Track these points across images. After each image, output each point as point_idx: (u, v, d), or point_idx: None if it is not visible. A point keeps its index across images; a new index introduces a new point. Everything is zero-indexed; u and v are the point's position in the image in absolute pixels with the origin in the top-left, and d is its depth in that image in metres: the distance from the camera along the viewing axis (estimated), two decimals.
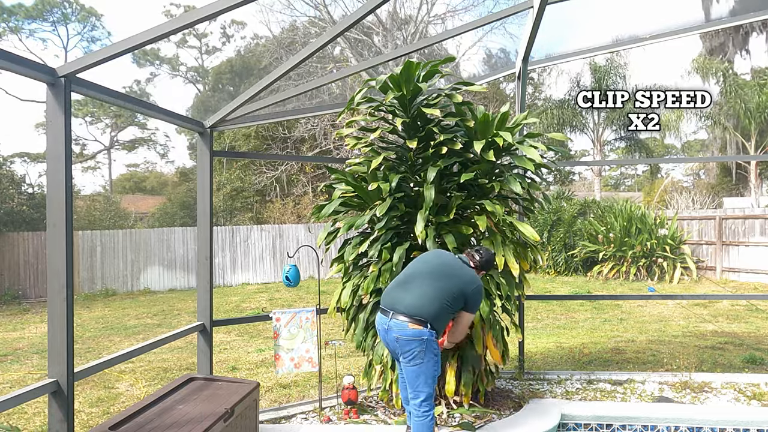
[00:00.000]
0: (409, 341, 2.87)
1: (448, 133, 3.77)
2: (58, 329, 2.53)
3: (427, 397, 2.93)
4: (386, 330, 2.97)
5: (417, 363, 2.89)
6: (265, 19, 30.90)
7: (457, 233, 3.68)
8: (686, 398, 4.12)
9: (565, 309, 9.48)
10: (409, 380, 2.96)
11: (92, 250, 14.64)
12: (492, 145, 3.67)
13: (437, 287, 2.96)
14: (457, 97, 3.74)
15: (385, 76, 3.72)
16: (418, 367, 2.89)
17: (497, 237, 3.69)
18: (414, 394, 2.95)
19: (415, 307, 2.90)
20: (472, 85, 3.97)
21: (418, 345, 2.87)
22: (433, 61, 3.78)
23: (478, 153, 3.54)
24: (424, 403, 2.92)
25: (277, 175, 19.31)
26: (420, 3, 18.10)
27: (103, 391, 5.27)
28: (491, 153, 3.62)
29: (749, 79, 19.25)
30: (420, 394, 2.92)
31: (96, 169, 32.86)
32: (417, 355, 2.88)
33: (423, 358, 2.88)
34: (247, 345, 7.34)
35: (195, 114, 25.14)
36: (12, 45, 26.66)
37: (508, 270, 3.74)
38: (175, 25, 2.60)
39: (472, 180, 3.66)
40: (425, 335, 2.87)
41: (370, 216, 3.70)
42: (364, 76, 18.07)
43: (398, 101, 3.78)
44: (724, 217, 13.09)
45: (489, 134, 3.69)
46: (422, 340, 2.86)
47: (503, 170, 3.92)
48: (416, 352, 2.87)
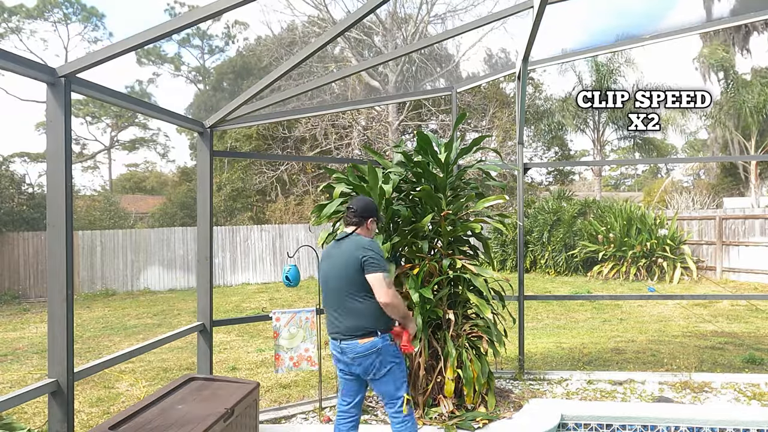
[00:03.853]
0: (366, 356, 2.81)
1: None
2: (58, 329, 2.53)
3: (403, 401, 2.88)
4: (341, 353, 2.89)
5: (383, 374, 2.84)
6: (266, 19, 30.87)
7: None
8: (686, 398, 4.12)
9: (565, 309, 9.48)
10: (383, 393, 2.91)
11: (92, 250, 14.64)
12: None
13: (348, 290, 2.84)
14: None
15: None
16: (387, 377, 2.85)
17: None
18: (391, 404, 2.90)
19: (353, 326, 2.83)
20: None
21: (375, 356, 2.82)
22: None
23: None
24: (400, 411, 2.87)
25: (278, 175, 19.31)
26: (420, 3, 18.10)
27: (103, 391, 5.28)
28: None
29: (750, 79, 19.23)
30: (397, 401, 2.88)
31: (96, 169, 32.86)
32: (379, 368, 2.83)
33: (386, 365, 2.84)
34: (247, 345, 7.34)
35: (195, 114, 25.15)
36: (13, 45, 26.64)
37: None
38: (176, 25, 2.60)
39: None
40: (378, 344, 2.82)
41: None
42: (365, 76, 18.12)
43: None
44: (724, 217, 13.09)
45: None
46: (377, 350, 2.81)
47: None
48: (377, 365, 2.83)
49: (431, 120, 19.76)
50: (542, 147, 24.57)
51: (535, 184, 25.23)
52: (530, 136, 22.67)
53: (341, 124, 18.81)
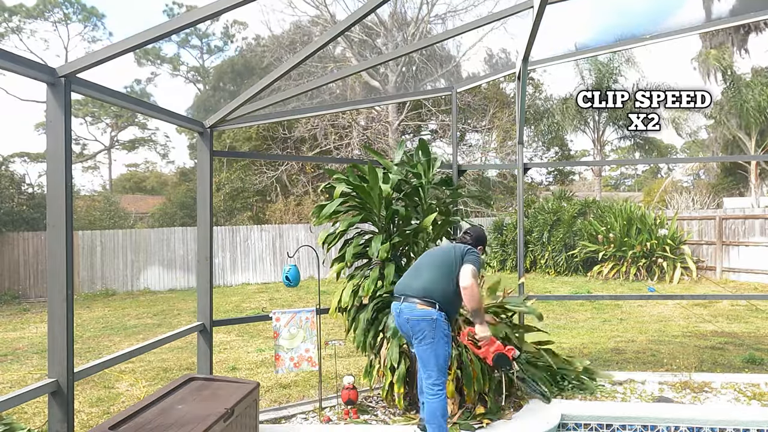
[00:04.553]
0: (419, 321, 3.05)
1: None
2: (58, 329, 2.53)
3: (438, 377, 3.07)
4: (398, 313, 3.16)
5: (428, 342, 3.05)
6: (265, 19, 30.85)
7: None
8: (686, 398, 4.12)
9: (565, 309, 9.48)
10: (422, 361, 3.12)
11: (92, 250, 14.64)
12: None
13: (442, 272, 3.17)
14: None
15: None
16: (429, 346, 3.05)
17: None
18: (426, 374, 3.10)
19: (424, 290, 3.11)
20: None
21: (427, 324, 3.03)
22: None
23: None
24: (436, 383, 3.07)
25: (278, 175, 19.30)
26: (420, 3, 18.09)
27: (103, 391, 5.28)
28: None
29: (749, 79, 19.23)
30: (432, 374, 3.07)
31: (96, 169, 32.83)
32: (427, 335, 3.03)
33: (434, 337, 3.04)
34: (247, 345, 7.34)
35: (195, 114, 25.12)
36: (13, 45, 26.61)
37: None
38: (176, 25, 2.59)
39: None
40: (434, 315, 3.04)
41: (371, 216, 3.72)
42: (365, 76, 18.11)
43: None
44: (724, 217, 13.09)
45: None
46: (432, 319, 3.04)
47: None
48: (426, 331, 3.03)
49: (431, 120, 19.76)
50: (542, 147, 24.56)
51: (535, 184, 25.24)
52: (530, 136, 22.67)
53: (341, 124, 18.79)
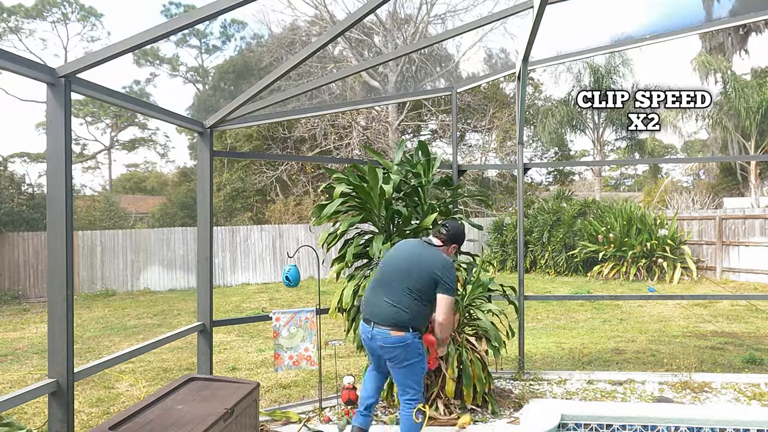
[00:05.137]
0: (394, 347, 2.99)
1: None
2: (58, 329, 2.53)
3: (414, 393, 3.06)
4: (370, 338, 3.08)
5: (405, 365, 3.02)
6: (265, 19, 30.85)
7: None
8: (686, 398, 4.12)
9: (565, 309, 9.48)
10: (398, 381, 3.11)
11: (92, 250, 14.63)
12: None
13: (409, 287, 3.01)
14: None
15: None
16: (407, 368, 3.04)
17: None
18: (402, 391, 3.09)
19: (393, 317, 3.00)
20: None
21: (402, 350, 2.99)
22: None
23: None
24: (413, 398, 3.07)
25: (278, 175, 19.30)
26: (420, 3, 18.10)
27: (103, 391, 5.27)
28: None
29: (749, 79, 19.23)
30: (408, 391, 3.07)
31: (96, 169, 32.82)
32: (403, 359, 3.01)
33: (409, 359, 3.01)
34: (247, 345, 7.34)
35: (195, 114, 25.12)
36: (12, 45, 26.60)
37: None
38: (175, 25, 2.59)
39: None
40: (408, 339, 2.99)
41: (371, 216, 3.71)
42: (365, 76, 18.11)
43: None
44: (724, 218, 13.09)
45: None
46: (405, 344, 2.99)
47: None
48: (402, 356, 3.00)
49: (431, 120, 19.77)
50: (542, 147, 24.56)
51: (535, 184, 25.23)
52: (530, 136, 22.67)
53: (341, 124, 18.80)
